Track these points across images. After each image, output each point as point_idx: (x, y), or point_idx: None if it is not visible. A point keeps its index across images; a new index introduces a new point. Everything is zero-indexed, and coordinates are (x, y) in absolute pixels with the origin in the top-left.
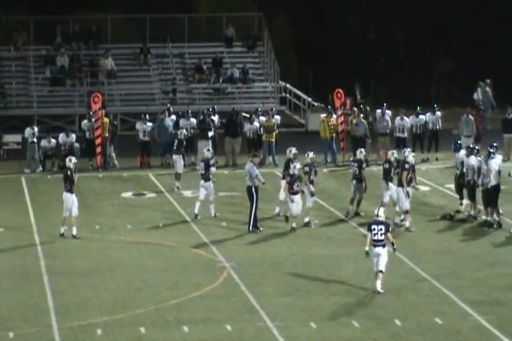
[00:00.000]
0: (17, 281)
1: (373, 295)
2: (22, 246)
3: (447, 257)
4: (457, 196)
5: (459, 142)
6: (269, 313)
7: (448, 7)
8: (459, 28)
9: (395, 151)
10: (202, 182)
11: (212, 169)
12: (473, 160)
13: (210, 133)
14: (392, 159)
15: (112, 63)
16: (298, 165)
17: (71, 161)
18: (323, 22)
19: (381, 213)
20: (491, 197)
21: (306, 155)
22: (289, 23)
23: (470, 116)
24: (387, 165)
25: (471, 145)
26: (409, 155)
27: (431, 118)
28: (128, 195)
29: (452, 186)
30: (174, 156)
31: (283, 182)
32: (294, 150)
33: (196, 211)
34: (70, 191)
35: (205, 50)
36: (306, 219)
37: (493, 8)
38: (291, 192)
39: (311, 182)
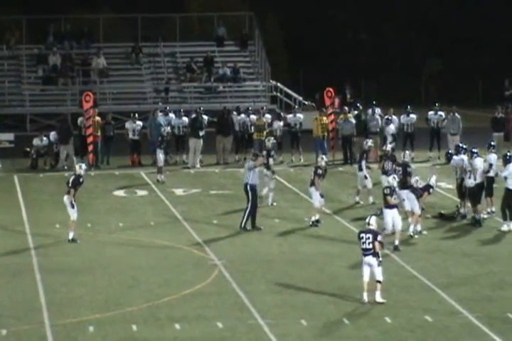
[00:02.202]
0: (9, 279)
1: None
2: (14, 244)
3: (437, 255)
4: (447, 195)
5: (450, 152)
6: (260, 311)
7: (438, 7)
8: (449, 28)
9: (418, 178)
10: (265, 170)
11: (271, 160)
12: (462, 159)
13: (201, 133)
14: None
15: (103, 62)
16: (391, 178)
17: (81, 168)
18: (315, 21)
19: (373, 222)
20: (476, 195)
21: (320, 158)
22: (280, 23)
23: (456, 115)
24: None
25: (460, 144)
26: (432, 179)
27: (433, 117)
28: (120, 193)
29: (442, 184)
30: (157, 151)
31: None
32: (370, 142)
33: (269, 200)
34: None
35: (197, 49)
36: (317, 217)
37: (483, 9)
38: (387, 205)
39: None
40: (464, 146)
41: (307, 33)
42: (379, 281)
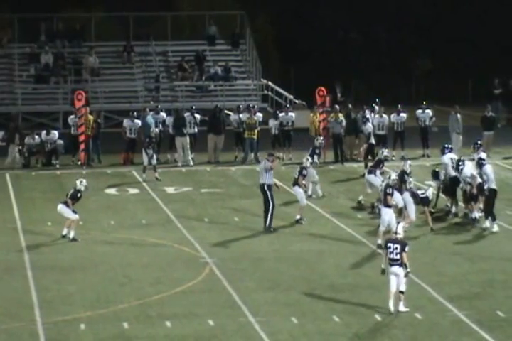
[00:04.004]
0: (1, 276)
1: (354, 291)
2: (6, 241)
3: (427, 253)
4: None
5: (445, 146)
6: (250, 308)
7: (429, 7)
8: (439, 27)
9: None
10: (311, 169)
11: (315, 157)
12: (451, 158)
13: (187, 130)
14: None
15: (95, 61)
16: (393, 176)
17: (82, 183)
18: (306, 20)
19: (400, 230)
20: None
21: (305, 159)
22: (271, 22)
23: (458, 114)
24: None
25: (446, 145)
26: (429, 191)
27: (421, 115)
28: (111, 191)
29: (433, 183)
30: (143, 150)
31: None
32: (385, 152)
33: (310, 192)
34: (68, 207)
35: (188, 48)
36: (300, 216)
37: (473, 9)
38: (386, 204)
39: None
40: (450, 146)
41: (298, 32)
42: (402, 292)
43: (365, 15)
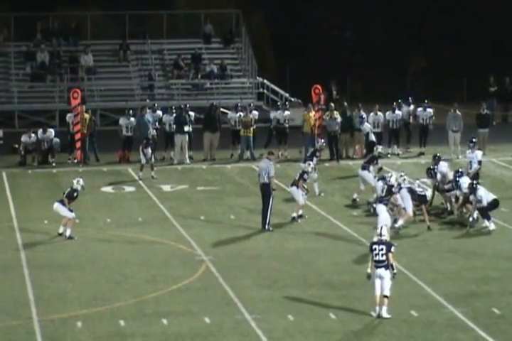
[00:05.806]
0: None
1: (350, 288)
2: (2, 239)
3: (423, 250)
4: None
5: (438, 155)
6: (247, 306)
7: (422, 5)
8: (434, 26)
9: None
10: (311, 165)
11: (315, 159)
12: (445, 168)
13: (186, 128)
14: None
15: (91, 59)
16: (393, 177)
17: (79, 183)
18: (300, 19)
19: (384, 232)
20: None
21: (307, 164)
22: (267, 20)
23: (457, 112)
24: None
25: (438, 154)
26: (428, 192)
27: (422, 114)
28: (108, 189)
29: (429, 181)
30: (141, 149)
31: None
32: (380, 148)
33: (317, 190)
34: (64, 205)
35: (184, 46)
36: (300, 212)
37: (467, 7)
38: (385, 202)
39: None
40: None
41: (293, 30)
42: (386, 296)
43: (359, 13)
